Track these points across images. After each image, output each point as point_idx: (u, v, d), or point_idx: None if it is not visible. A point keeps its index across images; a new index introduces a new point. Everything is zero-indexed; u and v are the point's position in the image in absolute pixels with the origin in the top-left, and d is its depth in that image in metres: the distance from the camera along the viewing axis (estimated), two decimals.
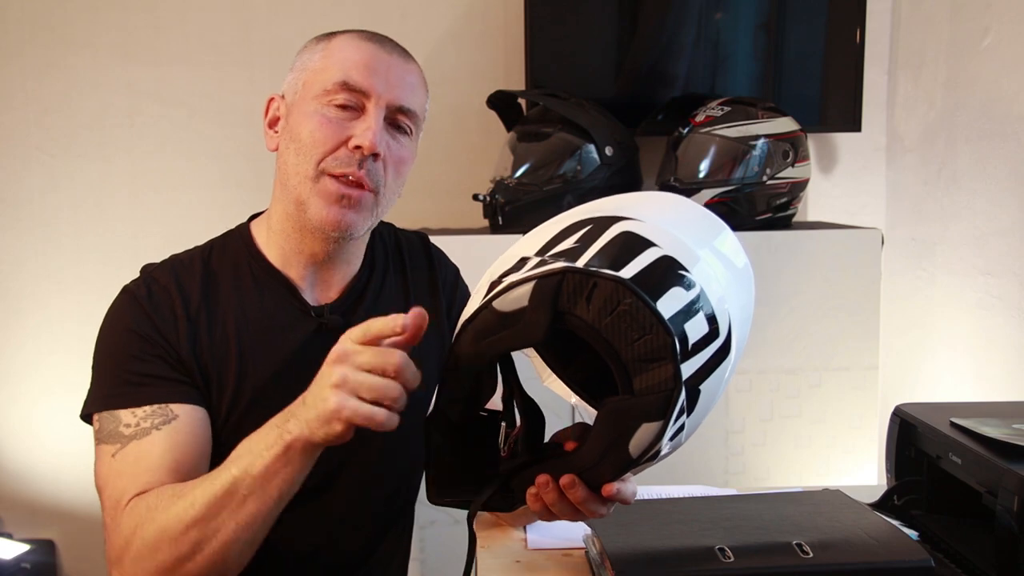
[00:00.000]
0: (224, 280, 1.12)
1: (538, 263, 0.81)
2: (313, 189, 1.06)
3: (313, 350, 1.11)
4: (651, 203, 0.92)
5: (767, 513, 1.08)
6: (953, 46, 1.86)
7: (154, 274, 1.11)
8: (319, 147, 1.05)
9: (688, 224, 0.87)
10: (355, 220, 1.08)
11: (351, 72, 1.06)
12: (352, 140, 1.05)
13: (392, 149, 1.09)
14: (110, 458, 1.00)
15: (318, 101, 1.06)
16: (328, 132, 1.05)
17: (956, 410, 1.16)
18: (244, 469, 0.92)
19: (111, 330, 1.08)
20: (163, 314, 1.06)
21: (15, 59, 2.04)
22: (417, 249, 1.27)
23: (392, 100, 1.07)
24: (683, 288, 0.79)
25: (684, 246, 0.82)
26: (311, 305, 1.13)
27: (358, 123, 1.06)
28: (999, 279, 1.71)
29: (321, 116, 1.06)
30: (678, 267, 0.80)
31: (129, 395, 1.02)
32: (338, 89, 1.06)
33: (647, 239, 0.81)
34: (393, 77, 1.08)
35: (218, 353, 1.08)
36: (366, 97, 1.06)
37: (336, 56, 1.08)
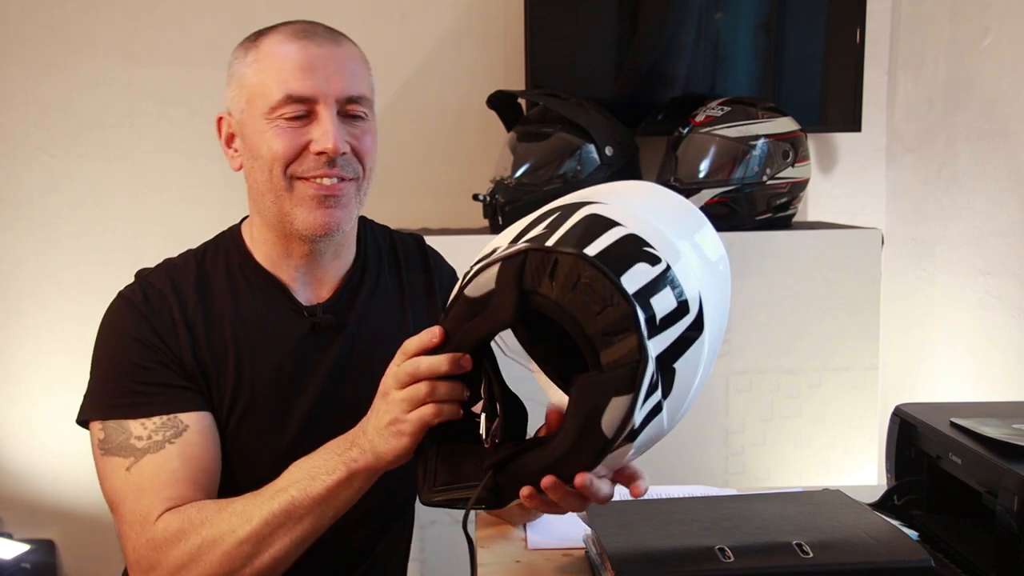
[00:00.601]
0: (218, 283, 1.12)
1: (506, 248, 0.83)
2: (292, 199, 1.06)
3: (307, 350, 1.11)
4: (625, 191, 0.94)
5: (767, 513, 1.08)
6: (953, 46, 1.86)
7: (149, 279, 1.11)
8: (281, 159, 1.05)
9: (661, 210, 0.88)
10: (342, 216, 1.08)
11: (290, 83, 1.04)
12: (313, 146, 1.04)
13: (356, 136, 1.08)
14: (124, 471, 1.00)
15: (267, 119, 1.05)
16: (286, 142, 1.04)
17: (956, 410, 1.16)
18: (304, 491, 0.95)
19: (111, 337, 1.08)
20: (162, 319, 1.07)
21: (15, 59, 2.04)
22: (412, 251, 1.27)
23: (339, 94, 1.06)
24: (648, 264, 0.79)
25: (651, 226, 0.82)
26: (304, 305, 1.13)
27: (314, 128, 1.05)
28: (999, 279, 1.71)
29: (275, 129, 1.05)
30: (643, 244, 0.80)
31: (137, 406, 1.03)
32: (283, 103, 1.04)
33: (612, 219, 0.82)
34: (332, 70, 1.06)
35: (216, 356, 1.08)
36: (313, 102, 1.05)
37: (270, 67, 1.05)
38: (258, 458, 1.09)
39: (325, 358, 1.12)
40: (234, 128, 1.11)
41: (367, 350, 1.14)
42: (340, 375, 1.12)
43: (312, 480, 0.95)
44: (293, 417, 1.10)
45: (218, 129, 1.13)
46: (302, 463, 0.97)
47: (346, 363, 1.13)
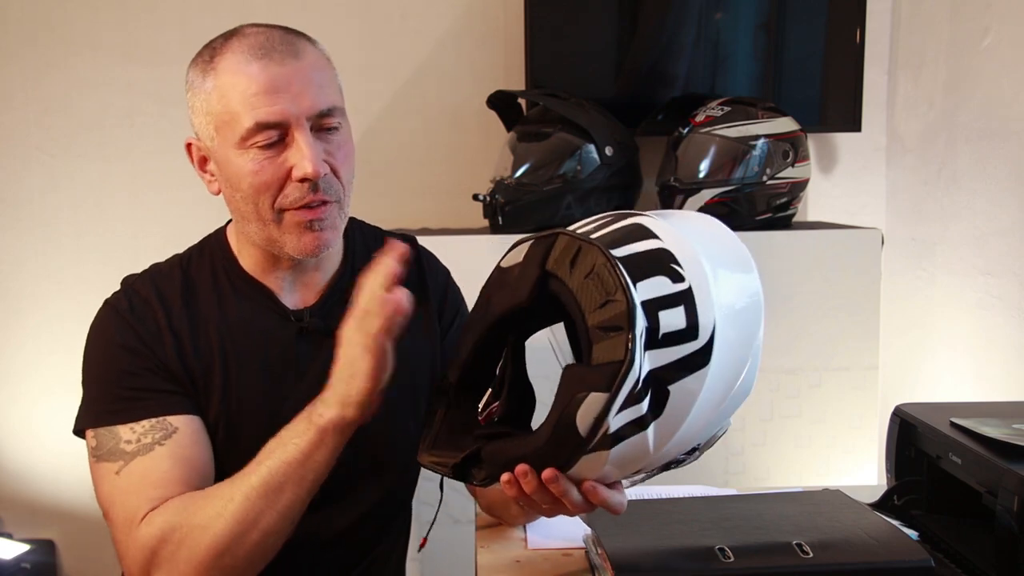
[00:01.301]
0: (204, 289, 1.11)
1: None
2: (280, 228, 1.05)
3: (295, 354, 1.11)
4: (687, 217, 0.94)
5: (767, 513, 1.08)
6: (953, 46, 1.85)
7: (135, 286, 1.10)
8: (265, 192, 1.03)
9: (710, 240, 0.88)
10: (330, 237, 1.08)
11: (257, 110, 1.00)
12: (294, 173, 1.02)
13: (333, 155, 1.06)
14: (114, 475, 1.00)
15: (240, 149, 1.02)
16: (267, 175, 1.02)
17: (956, 410, 1.16)
18: (279, 459, 0.95)
19: (98, 346, 1.08)
20: (147, 327, 1.06)
21: (15, 59, 2.04)
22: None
23: (310, 111, 1.02)
24: (669, 279, 0.79)
25: (690, 249, 0.82)
26: (290, 310, 1.12)
27: (291, 153, 1.02)
28: (999, 279, 1.71)
29: (252, 163, 1.02)
30: (671, 260, 0.81)
31: (125, 411, 1.02)
32: (254, 132, 1.01)
33: (653, 231, 0.83)
34: (298, 88, 1.01)
35: (203, 362, 1.08)
36: (285, 126, 1.02)
37: (232, 93, 1.01)
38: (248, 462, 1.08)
39: (313, 363, 1.12)
40: (205, 152, 1.08)
41: None
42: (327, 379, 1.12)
43: (284, 447, 0.95)
44: (282, 421, 1.09)
45: (189, 154, 1.10)
46: (274, 439, 0.98)
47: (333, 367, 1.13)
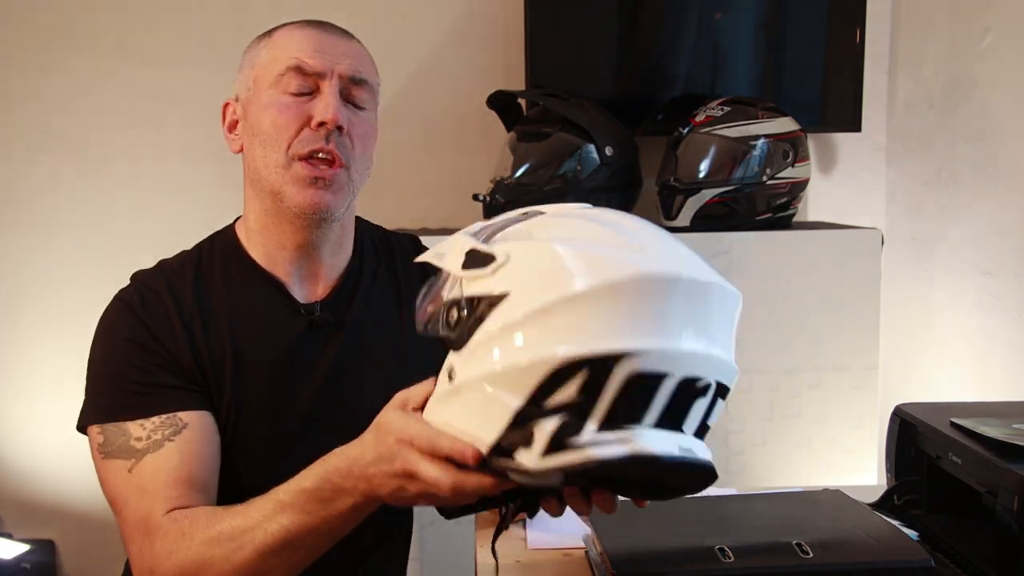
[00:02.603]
0: (214, 283, 1.12)
1: (552, 441, 0.72)
2: (286, 176, 1.07)
3: (305, 347, 1.12)
4: (618, 304, 0.72)
5: (767, 513, 1.08)
6: (953, 46, 1.85)
7: (146, 280, 1.10)
8: (283, 133, 1.06)
9: (663, 312, 0.74)
10: (332, 200, 1.08)
11: (301, 56, 1.07)
12: (314, 118, 1.06)
13: (354, 124, 1.10)
14: (126, 473, 1.00)
15: (272, 90, 1.08)
16: (289, 116, 1.07)
17: (956, 410, 1.16)
18: (300, 524, 0.89)
19: (108, 340, 1.07)
20: (159, 321, 1.06)
21: (15, 59, 2.04)
22: (408, 249, 1.26)
23: (344, 71, 1.09)
24: (703, 397, 0.76)
25: (687, 356, 0.74)
26: (301, 303, 1.13)
27: (316, 102, 1.07)
28: (999, 279, 1.71)
29: (278, 104, 1.07)
30: (694, 382, 0.74)
31: (135, 407, 1.02)
32: (290, 74, 1.07)
33: (658, 373, 0.72)
34: (341, 53, 1.10)
35: (214, 356, 1.08)
36: (319, 77, 1.08)
37: (281, 46, 1.09)
38: (258, 456, 1.09)
39: (323, 356, 1.12)
40: (238, 114, 1.13)
41: (365, 347, 1.14)
42: (338, 372, 1.12)
43: (310, 515, 0.89)
44: (292, 415, 1.10)
45: (223, 114, 1.16)
46: (294, 490, 0.90)
47: (344, 360, 1.13)
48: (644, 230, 0.78)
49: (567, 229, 0.77)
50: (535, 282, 0.73)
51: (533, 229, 0.79)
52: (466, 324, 0.76)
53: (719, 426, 1.81)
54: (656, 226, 0.80)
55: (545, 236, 0.77)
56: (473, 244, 0.78)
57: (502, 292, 0.74)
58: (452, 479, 0.78)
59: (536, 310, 0.72)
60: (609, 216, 0.80)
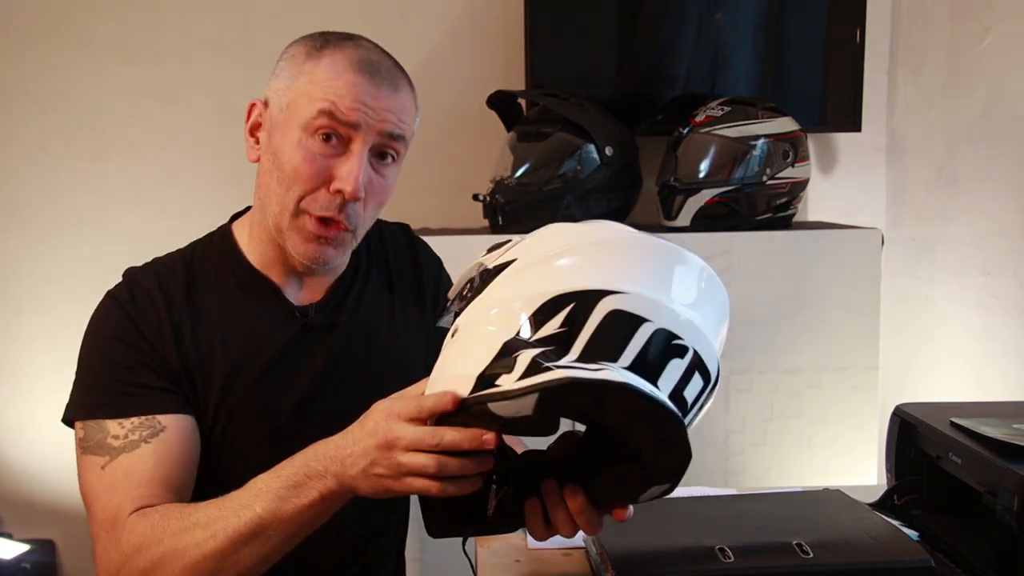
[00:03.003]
0: (207, 283, 1.11)
1: (531, 365, 0.75)
2: (292, 224, 1.05)
3: (298, 350, 1.11)
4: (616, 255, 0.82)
5: (767, 513, 1.08)
6: (953, 46, 1.86)
7: (136, 278, 1.10)
8: (301, 184, 1.03)
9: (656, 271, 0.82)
10: (332, 255, 1.08)
11: (338, 104, 1.02)
12: (334, 183, 1.03)
13: (374, 184, 1.06)
14: (99, 470, 1.00)
15: (303, 131, 1.03)
16: (311, 171, 1.03)
17: (956, 410, 1.16)
18: (272, 512, 0.90)
19: (96, 337, 1.07)
20: (148, 320, 1.06)
21: (15, 59, 2.04)
22: (400, 242, 1.27)
23: (380, 129, 1.04)
24: (679, 358, 0.79)
25: (670, 311, 0.79)
26: (295, 306, 1.12)
27: (342, 162, 1.03)
28: (999, 279, 1.71)
29: (305, 150, 1.02)
30: (672, 338, 0.78)
31: (116, 405, 1.02)
32: (324, 119, 1.02)
33: (637, 316, 0.77)
34: (381, 108, 1.04)
35: (203, 357, 1.07)
36: (353, 130, 1.03)
37: (323, 83, 1.03)
38: (247, 459, 1.08)
39: (315, 358, 1.12)
40: (264, 120, 1.09)
41: (357, 350, 1.14)
42: (330, 375, 1.12)
43: (282, 502, 0.90)
44: (283, 417, 1.10)
45: (248, 114, 1.10)
46: (272, 478, 0.92)
47: (337, 363, 1.13)
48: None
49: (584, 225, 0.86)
50: (537, 247, 0.83)
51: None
52: (475, 289, 0.84)
53: (719, 426, 1.82)
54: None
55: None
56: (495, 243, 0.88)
57: (510, 260, 0.83)
58: (430, 433, 0.81)
59: (533, 261, 0.81)
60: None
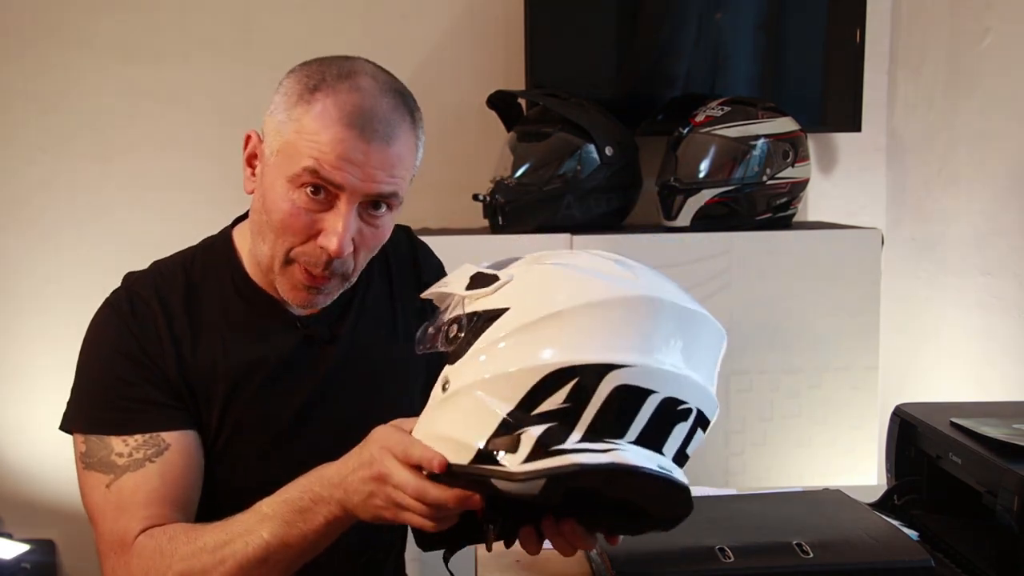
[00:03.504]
0: (207, 292, 1.10)
1: (537, 446, 0.74)
2: (282, 272, 1.04)
3: (299, 361, 1.11)
4: (618, 319, 0.76)
5: (767, 513, 1.08)
6: (953, 46, 1.86)
7: (135, 287, 1.09)
8: (289, 237, 1.01)
9: (658, 333, 0.77)
10: (323, 301, 1.07)
11: (323, 165, 0.96)
12: (320, 239, 1.00)
13: (365, 234, 1.03)
14: (104, 488, 1.00)
15: (289, 183, 0.99)
16: (298, 225, 1.00)
17: (956, 410, 1.16)
18: (279, 537, 0.91)
19: (97, 348, 1.06)
20: (147, 333, 1.05)
21: (15, 59, 2.04)
22: (402, 247, 1.25)
23: (368, 191, 0.99)
24: (684, 421, 0.78)
25: (674, 377, 0.76)
26: (296, 316, 1.11)
27: (328, 217, 0.99)
28: (999, 279, 1.71)
29: (291, 204, 0.99)
30: (676, 404, 0.77)
31: (119, 422, 1.01)
32: (308, 176, 0.97)
33: (644, 388, 0.75)
34: (371, 166, 0.98)
35: (204, 369, 1.06)
36: (339, 189, 0.98)
37: (310, 136, 0.97)
38: (249, 471, 1.08)
39: (317, 369, 1.11)
40: (259, 153, 1.04)
41: (359, 360, 1.13)
42: (332, 385, 1.12)
43: (288, 527, 0.91)
44: (284, 428, 1.09)
45: (245, 143, 1.06)
46: (277, 503, 0.92)
47: (338, 372, 1.12)
48: (641, 266, 0.82)
49: (570, 257, 0.82)
50: (532, 297, 0.78)
51: (540, 257, 0.83)
52: (464, 338, 0.79)
53: (719, 426, 1.81)
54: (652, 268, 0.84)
55: (549, 261, 0.81)
56: (478, 269, 0.83)
57: (502, 307, 0.78)
58: (416, 484, 0.81)
59: (531, 322, 0.76)
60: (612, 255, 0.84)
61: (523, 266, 0.82)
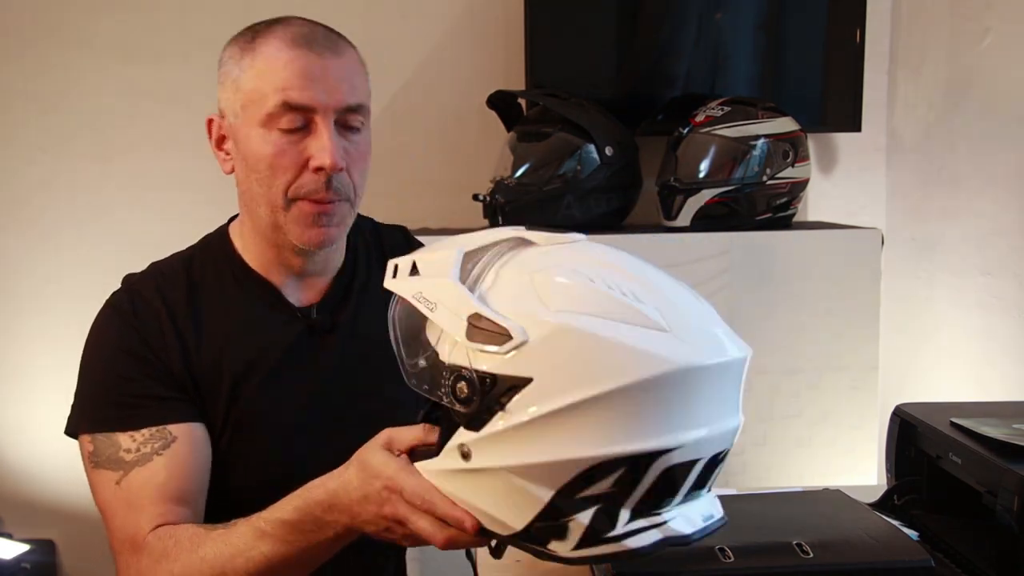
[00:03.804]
0: (208, 288, 1.11)
1: (587, 534, 0.73)
2: (287, 217, 1.04)
3: (302, 352, 1.11)
4: (657, 399, 0.71)
5: (767, 513, 1.08)
6: (953, 46, 1.85)
7: (137, 286, 1.09)
8: (282, 176, 1.02)
9: (699, 403, 0.74)
10: (336, 233, 1.07)
11: (288, 92, 1.00)
12: (312, 162, 1.02)
13: (352, 156, 1.05)
14: (114, 485, 1.00)
15: (264, 127, 1.02)
16: (286, 161, 1.02)
17: (956, 410, 1.16)
18: (281, 552, 0.90)
19: (99, 349, 1.06)
20: (150, 330, 1.05)
21: (15, 59, 2.04)
22: (399, 243, 1.26)
23: (338, 104, 1.02)
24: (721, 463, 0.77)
25: (717, 438, 0.75)
26: (296, 307, 1.12)
27: (312, 141, 1.02)
28: (999, 279, 1.71)
29: (273, 145, 1.01)
30: (718, 457, 0.76)
31: (125, 418, 1.02)
32: (280, 112, 1.01)
33: (690, 461, 0.73)
34: (332, 80, 1.02)
35: (208, 363, 1.06)
36: (312, 112, 1.01)
37: (266, 74, 1.01)
38: (255, 460, 1.08)
39: (320, 359, 1.12)
40: (226, 131, 1.08)
41: (361, 349, 1.14)
42: (335, 375, 1.12)
43: (288, 545, 0.90)
44: (290, 418, 1.10)
45: (208, 131, 1.10)
46: (277, 516, 0.90)
47: (341, 363, 1.13)
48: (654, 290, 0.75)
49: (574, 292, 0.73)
50: (561, 373, 0.70)
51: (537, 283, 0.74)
52: (481, 403, 0.73)
53: None
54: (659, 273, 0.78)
55: (556, 302, 0.72)
56: (471, 301, 0.73)
57: (524, 376, 0.71)
58: (446, 535, 0.79)
59: (567, 405, 0.70)
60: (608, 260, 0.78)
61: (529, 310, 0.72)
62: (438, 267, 0.77)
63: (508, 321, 0.71)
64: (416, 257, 0.79)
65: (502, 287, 0.75)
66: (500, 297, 0.74)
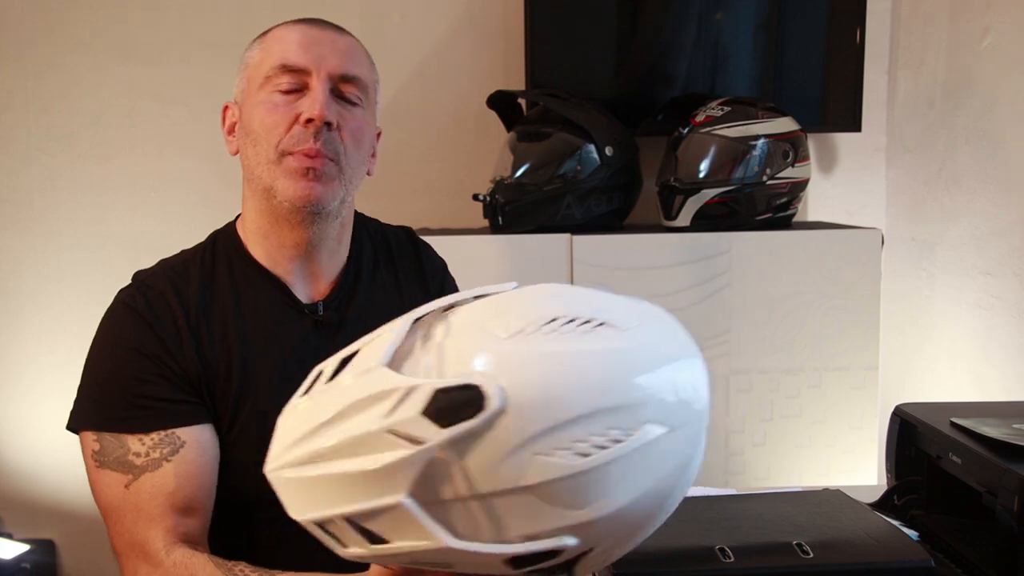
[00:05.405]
0: (219, 284, 1.11)
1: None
2: (277, 171, 1.06)
3: (310, 347, 1.11)
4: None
5: (767, 513, 1.08)
6: (953, 46, 1.86)
7: (149, 282, 1.09)
8: (273, 131, 1.06)
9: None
10: (323, 192, 1.06)
11: (287, 54, 1.07)
12: (302, 115, 1.05)
13: (345, 119, 1.08)
14: (123, 488, 1.00)
15: (262, 90, 1.07)
16: (278, 116, 1.06)
17: (956, 410, 1.16)
18: None
19: (112, 346, 1.05)
20: (165, 326, 1.05)
21: (15, 59, 2.04)
22: (404, 242, 1.27)
23: (333, 70, 1.07)
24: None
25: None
26: (303, 303, 1.12)
27: (304, 99, 1.06)
28: (999, 279, 1.71)
29: (268, 103, 1.06)
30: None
31: (135, 420, 1.01)
32: (278, 73, 1.06)
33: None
34: (329, 49, 1.08)
35: (220, 359, 1.06)
36: (306, 74, 1.06)
37: (272, 46, 1.09)
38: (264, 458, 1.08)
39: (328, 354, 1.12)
40: (236, 116, 1.13)
41: None
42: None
43: None
44: None
45: (223, 118, 1.15)
46: None
47: None
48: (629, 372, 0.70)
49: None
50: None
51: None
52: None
53: (719, 426, 1.82)
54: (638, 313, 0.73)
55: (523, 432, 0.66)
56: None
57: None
58: None
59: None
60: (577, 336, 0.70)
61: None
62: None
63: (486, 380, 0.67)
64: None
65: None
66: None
